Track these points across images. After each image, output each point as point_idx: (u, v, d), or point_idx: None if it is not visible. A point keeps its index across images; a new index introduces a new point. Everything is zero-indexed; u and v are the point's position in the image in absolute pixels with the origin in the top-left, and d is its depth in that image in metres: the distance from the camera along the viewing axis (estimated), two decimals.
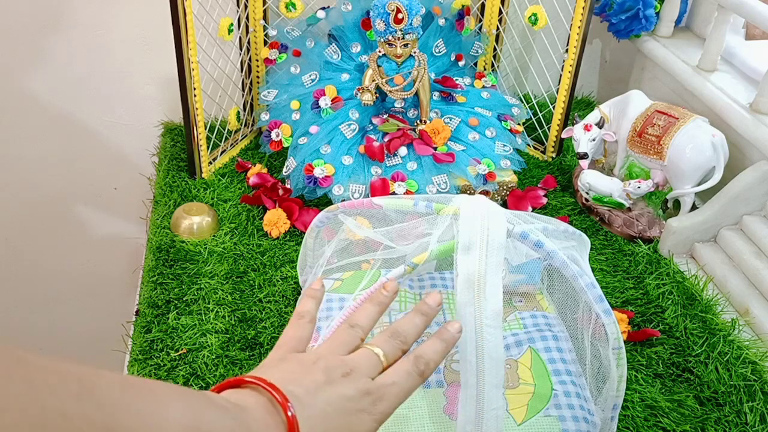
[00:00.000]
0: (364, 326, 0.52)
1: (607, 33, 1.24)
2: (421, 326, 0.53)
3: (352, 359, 0.49)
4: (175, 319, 0.84)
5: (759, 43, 1.16)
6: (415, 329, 0.52)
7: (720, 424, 0.75)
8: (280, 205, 1.01)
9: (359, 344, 0.51)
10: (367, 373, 0.48)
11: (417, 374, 0.49)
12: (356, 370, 0.48)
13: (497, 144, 1.08)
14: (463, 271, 0.54)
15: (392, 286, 0.55)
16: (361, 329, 0.52)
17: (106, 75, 1.22)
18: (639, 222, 1.02)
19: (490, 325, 0.53)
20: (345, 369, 0.47)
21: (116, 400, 0.36)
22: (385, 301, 0.55)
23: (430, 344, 0.51)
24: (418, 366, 0.49)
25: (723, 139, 0.97)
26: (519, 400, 0.65)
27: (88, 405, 0.34)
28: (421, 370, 0.50)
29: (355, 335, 0.51)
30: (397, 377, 0.49)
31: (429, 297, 0.54)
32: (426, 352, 0.51)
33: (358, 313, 0.53)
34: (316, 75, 1.09)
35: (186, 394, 0.41)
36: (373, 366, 0.49)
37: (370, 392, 0.47)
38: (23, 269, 1.43)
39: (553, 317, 0.76)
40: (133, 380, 0.39)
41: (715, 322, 0.86)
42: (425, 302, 0.54)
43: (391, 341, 0.51)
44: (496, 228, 0.55)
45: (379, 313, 0.54)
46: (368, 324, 0.53)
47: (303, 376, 0.46)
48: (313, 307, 0.55)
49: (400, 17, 0.97)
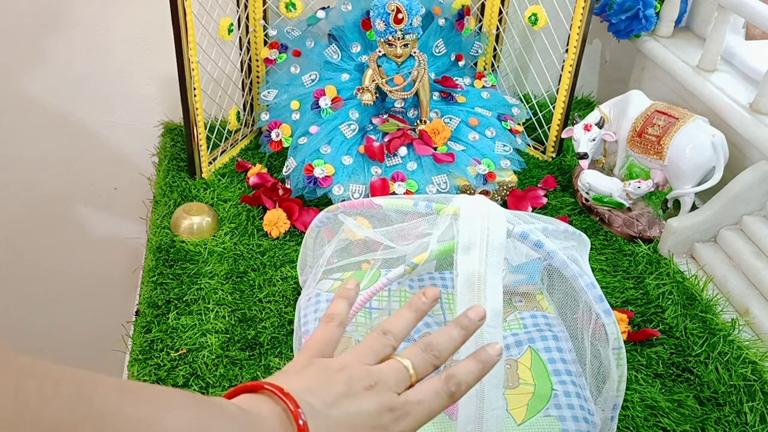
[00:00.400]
0: (398, 334, 0.49)
1: (607, 33, 1.24)
2: (459, 341, 0.49)
3: (379, 370, 0.46)
4: (175, 319, 0.84)
5: (759, 43, 1.16)
6: (452, 343, 0.48)
7: (720, 424, 0.75)
8: (280, 205, 1.01)
9: (390, 353, 0.48)
10: (392, 387, 0.45)
11: (447, 395, 0.46)
12: (381, 383, 0.45)
13: (497, 144, 1.08)
14: (463, 271, 0.54)
15: (431, 293, 0.51)
16: (393, 337, 0.48)
17: (106, 75, 1.22)
18: (639, 222, 1.02)
19: (490, 325, 0.53)
20: (369, 381, 0.44)
21: (114, 409, 0.34)
22: (423, 308, 0.51)
23: (465, 364, 0.48)
24: (449, 386, 0.46)
25: (723, 139, 0.97)
26: (519, 400, 0.65)
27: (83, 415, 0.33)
28: (452, 391, 0.46)
29: (387, 343, 0.48)
30: (425, 395, 0.45)
31: (472, 310, 0.50)
32: (459, 372, 0.47)
33: (393, 319, 0.50)
34: (316, 75, 1.09)
35: (192, 400, 0.39)
36: (401, 380, 0.46)
37: (394, 408, 0.44)
38: (23, 269, 1.43)
39: (553, 317, 0.76)
40: (134, 386, 0.37)
41: (715, 322, 0.86)
42: (466, 315, 0.50)
43: (423, 354, 0.47)
44: (496, 228, 0.55)
45: (416, 321, 0.50)
46: (402, 332, 0.49)
47: (323, 386, 0.44)
48: (344, 309, 0.52)
49: (400, 17, 0.97)
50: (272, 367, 0.78)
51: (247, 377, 0.77)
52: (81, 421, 0.33)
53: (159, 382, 0.76)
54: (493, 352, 0.48)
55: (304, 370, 0.46)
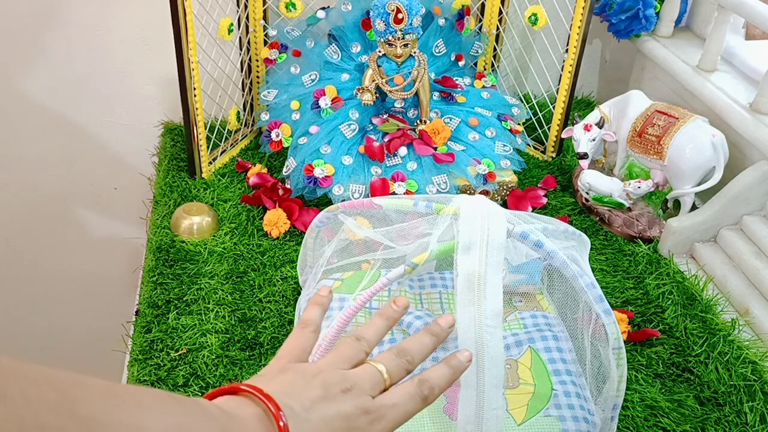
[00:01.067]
0: (370, 340, 0.51)
1: (607, 33, 1.24)
2: (430, 347, 0.51)
3: (354, 375, 0.47)
4: (175, 319, 0.84)
5: (759, 43, 1.16)
6: (423, 349, 0.51)
7: (720, 424, 0.75)
8: (280, 205, 1.01)
9: (363, 359, 0.49)
10: (367, 391, 0.46)
11: (420, 398, 0.48)
12: (356, 386, 0.46)
13: (497, 144, 1.08)
14: (463, 271, 0.54)
15: (402, 302, 0.53)
16: (366, 343, 0.50)
17: (106, 75, 1.22)
18: (639, 222, 1.02)
19: (490, 325, 0.53)
20: (345, 385, 0.46)
21: (97, 413, 0.34)
22: (394, 315, 0.53)
23: (437, 369, 0.50)
24: (422, 390, 0.48)
25: (723, 139, 0.97)
26: (519, 400, 0.65)
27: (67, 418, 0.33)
28: (425, 394, 0.48)
29: (360, 349, 0.50)
30: (399, 398, 0.47)
31: (442, 318, 0.52)
32: (432, 376, 0.49)
33: (365, 327, 0.52)
34: (316, 75, 1.09)
35: (175, 402, 0.39)
36: (375, 384, 0.47)
37: (369, 411, 0.45)
38: (23, 269, 1.43)
39: (553, 317, 0.76)
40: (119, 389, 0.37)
41: (715, 322, 0.86)
42: (437, 323, 0.52)
43: (396, 360, 0.49)
44: (496, 228, 0.55)
45: (387, 328, 0.53)
46: (375, 338, 0.51)
47: (300, 390, 0.45)
48: (318, 316, 0.54)
49: (400, 17, 0.97)
50: None
51: (247, 377, 0.77)
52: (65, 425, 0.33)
53: (159, 382, 0.76)
54: (463, 358, 0.51)
55: (280, 374, 0.47)
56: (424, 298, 0.78)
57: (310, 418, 0.43)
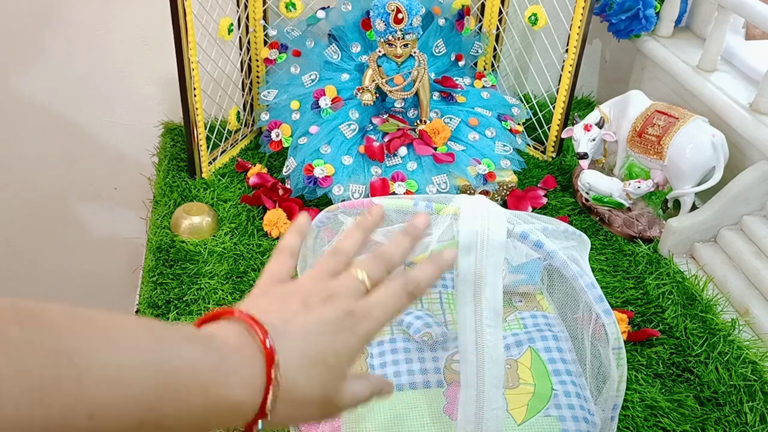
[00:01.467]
0: (348, 252, 0.50)
1: (607, 33, 1.24)
2: (408, 248, 0.50)
3: (333, 284, 0.46)
4: (175, 319, 0.84)
5: (759, 43, 1.16)
6: (402, 251, 0.50)
7: (720, 424, 0.75)
8: (280, 205, 1.01)
9: (342, 270, 0.48)
10: (349, 296, 0.45)
11: (405, 294, 0.47)
12: (337, 294, 0.45)
13: (497, 144, 1.08)
14: (463, 271, 0.54)
15: (376, 211, 0.52)
16: (345, 255, 0.49)
17: (106, 75, 1.22)
18: (639, 222, 1.02)
19: (490, 325, 0.53)
20: (324, 294, 0.45)
21: (64, 326, 0.34)
22: (370, 226, 0.52)
23: (422, 267, 0.49)
24: (407, 286, 0.47)
25: (723, 139, 0.97)
26: (519, 400, 0.65)
27: (32, 331, 0.33)
28: (410, 290, 0.47)
29: (338, 261, 0.49)
30: (384, 296, 0.46)
31: (417, 218, 0.52)
32: (416, 274, 0.48)
33: (342, 240, 0.51)
34: (316, 75, 1.09)
35: (146, 322, 0.39)
36: (356, 288, 0.46)
37: (353, 313, 0.44)
38: (23, 269, 1.43)
39: (553, 317, 0.76)
40: (86, 309, 0.37)
41: (715, 322, 0.86)
42: (413, 224, 0.51)
43: (374, 263, 0.48)
44: (496, 228, 0.55)
45: (364, 239, 0.51)
46: (352, 250, 0.50)
47: (281, 307, 0.44)
48: (295, 242, 0.53)
49: (400, 17, 0.97)
50: None
51: None
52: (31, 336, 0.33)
53: None
54: (448, 256, 0.50)
55: (260, 297, 0.47)
56: (424, 298, 0.78)
57: (292, 330, 0.43)
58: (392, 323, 0.73)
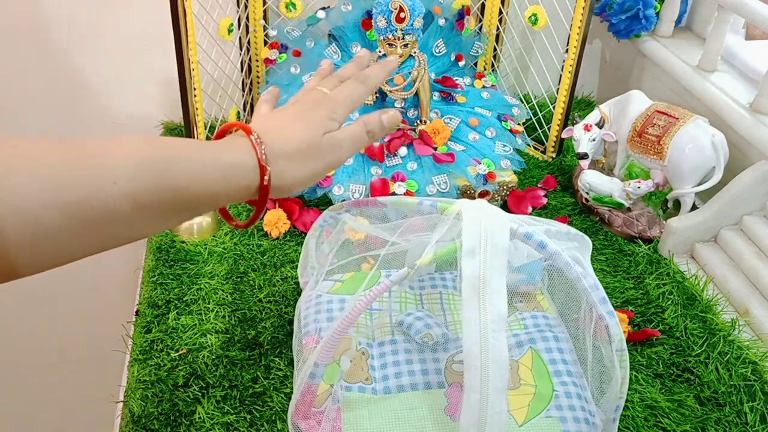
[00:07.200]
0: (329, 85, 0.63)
1: (607, 33, 1.24)
2: (355, 71, 0.65)
3: (299, 96, 0.61)
4: (175, 319, 0.84)
5: (759, 43, 1.16)
6: (350, 72, 0.64)
7: (720, 424, 0.75)
8: (280, 205, 1.01)
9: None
10: (313, 96, 0.60)
11: (360, 82, 0.62)
12: (303, 100, 0.60)
13: (497, 144, 1.08)
14: (467, 274, 0.54)
15: (327, 62, 0.68)
16: (325, 87, 0.62)
17: (105, 75, 1.22)
18: (639, 222, 1.02)
19: (495, 329, 0.53)
20: (292, 102, 0.60)
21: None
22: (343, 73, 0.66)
23: (369, 68, 0.64)
24: (358, 78, 0.62)
25: (723, 139, 0.97)
26: (520, 401, 0.65)
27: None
28: (361, 81, 0.62)
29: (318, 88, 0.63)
30: (341, 88, 0.61)
31: (359, 51, 0.71)
32: (364, 71, 0.64)
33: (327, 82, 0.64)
34: None
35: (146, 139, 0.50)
36: (319, 94, 0.60)
37: (317, 102, 0.59)
38: None
39: (553, 318, 0.76)
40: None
41: (715, 322, 0.86)
42: (357, 54, 0.68)
43: (331, 79, 0.63)
44: (499, 231, 0.55)
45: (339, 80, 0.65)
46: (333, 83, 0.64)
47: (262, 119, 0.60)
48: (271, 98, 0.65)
49: (402, 16, 0.97)
50: (272, 367, 0.78)
51: (247, 377, 0.77)
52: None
53: (159, 382, 0.76)
54: (392, 60, 0.68)
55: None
56: (424, 299, 0.78)
57: (268, 121, 0.58)
58: (393, 325, 0.73)
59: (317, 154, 0.56)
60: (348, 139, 0.59)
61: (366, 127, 0.61)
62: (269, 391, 0.75)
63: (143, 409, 0.73)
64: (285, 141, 0.54)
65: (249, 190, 0.53)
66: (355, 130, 0.60)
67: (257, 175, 0.52)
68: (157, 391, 0.75)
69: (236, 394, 0.75)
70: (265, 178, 0.52)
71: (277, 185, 0.54)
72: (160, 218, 0.48)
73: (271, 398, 0.75)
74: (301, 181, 0.56)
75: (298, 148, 0.55)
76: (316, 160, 0.56)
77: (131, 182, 0.45)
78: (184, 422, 0.72)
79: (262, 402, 0.74)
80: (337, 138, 0.58)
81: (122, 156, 0.46)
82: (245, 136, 0.53)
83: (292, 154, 0.54)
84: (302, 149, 0.55)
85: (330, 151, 0.57)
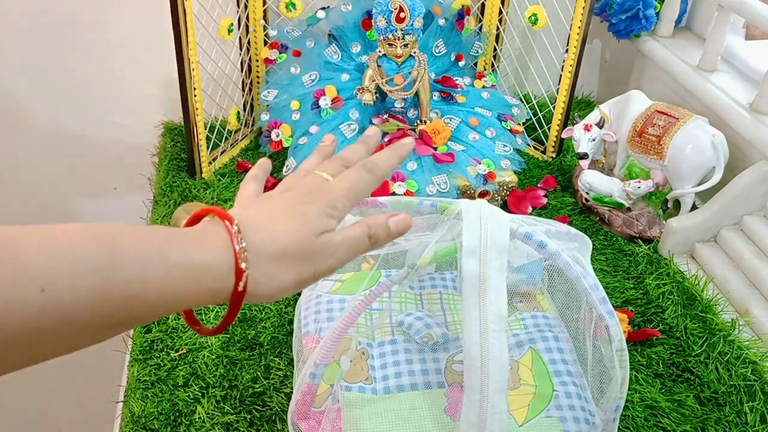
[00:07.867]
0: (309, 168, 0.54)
1: (607, 33, 1.24)
2: (363, 154, 0.55)
3: (292, 180, 0.51)
4: (175, 319, 0.84)
5: (759, 43, 1.16)
6: (357, 156, 0.54)
7: (720, 424, 0.75)
8: None
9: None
10: (309, 185, 0.50)
11: (363, 170, 0.51)
12: (297, 186, 0.49)
13: (497, 144, 1.08)
14: (467, 274, 0.54)
15: (330, 137, 0.58)
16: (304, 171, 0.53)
17: (106, 75, 1.22)
18: (639, 222, 1.02)
19: (496, 330, 0.53)
20: (284, 188, 0.50)
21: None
22: (328, 151, 0.56)
23: (380, 152, 0.54)
24: (365, 165, 0.52)
25: (723, 139, 0.97)
26: (520, 401, 0.65)
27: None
28: (369, 168, 0.51)
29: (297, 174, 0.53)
30: (344, 175, 0.51)
31: (368, 130, 0.58)
32: (374, 156, 0.53)
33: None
34: (316, 75, 1.09)
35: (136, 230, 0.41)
36: (318, 181, 0.50)
37: (314, 191, 0.48)
38: None
39: (553, 318, 0.76)
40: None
41: (715, 322, 0.86)
42: (366, 134, 0.57)
43: (333, 163, 0.53)
44: (499, 231, 0.55)
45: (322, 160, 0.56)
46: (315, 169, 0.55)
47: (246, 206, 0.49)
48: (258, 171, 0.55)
49: (402, 16, 0.97)
50: (272, 367, 0.78)
51: (247, 377, 0.77)
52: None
53: (159, 382, 0.76)
54: (407, 143, 0.56)
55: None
56: (424, 299, 0.78)
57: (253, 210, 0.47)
58: (393, 325, 0.73)
59: (308, 258, 0.46)
60: (346, 245, 0.48)
61: (369, 230, 0.50)
62: (269, 391, 0.75)
63: (143, 409, 0.73)
64: (272, 239, 0.44)
65: (218, 296, 0.43)
66: (356, 234, 0.49)
67: (231, 279, 0.42)
68: (157, 391, 0.75)
69: (236, 394, 0.75)
70: (240, 284, 0.42)
71: (255, 292, 0.44)
72: (100, 332, 0.39)
73: (271, 398, 0.75)
74: (284, 289, 0.45)
75: (285, 249, 0.44)
76: (306, 264, 0.46)
77: (63, 291, 0.35)
78: (184, 422, 0.72)
79: (262, 402, 0.74)
80: (333, 242, 0.47)
81: (55, 255, 0.36)
82: (223, 226, 0.43)
83: (278, 257, 0.44)
84: (291, 251, 0.44)
85: (322, 257, 0.46)
